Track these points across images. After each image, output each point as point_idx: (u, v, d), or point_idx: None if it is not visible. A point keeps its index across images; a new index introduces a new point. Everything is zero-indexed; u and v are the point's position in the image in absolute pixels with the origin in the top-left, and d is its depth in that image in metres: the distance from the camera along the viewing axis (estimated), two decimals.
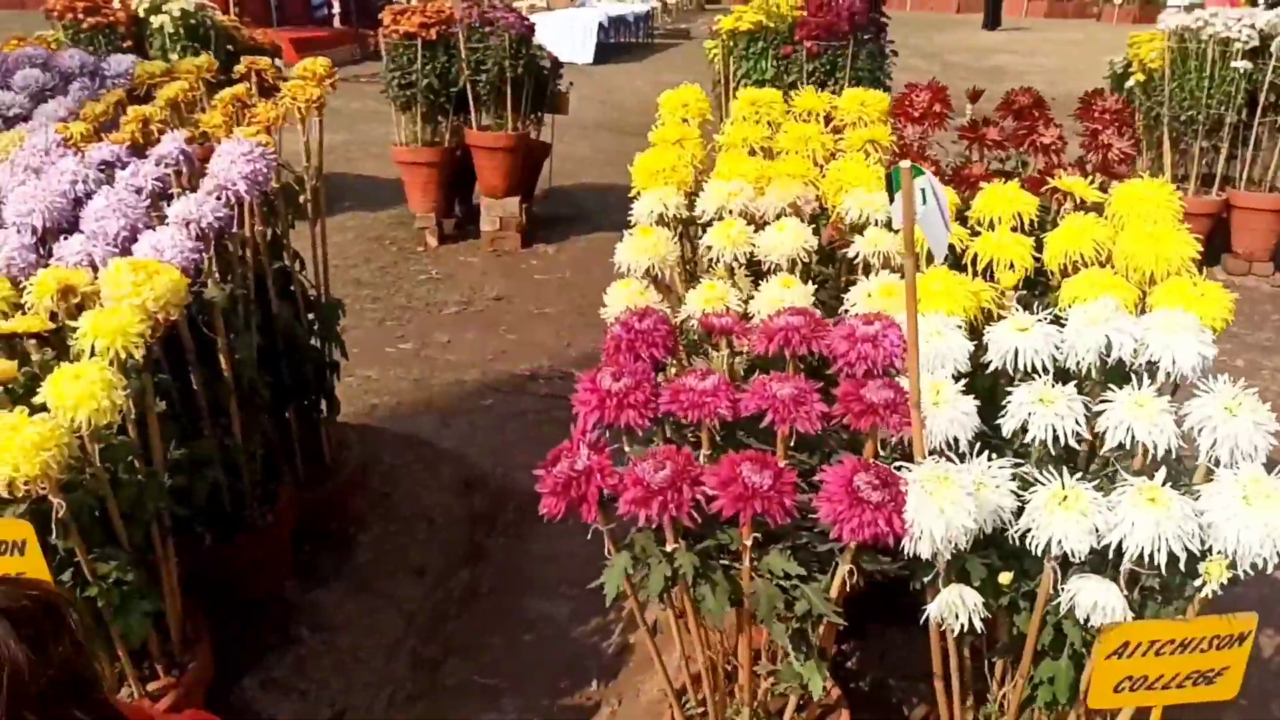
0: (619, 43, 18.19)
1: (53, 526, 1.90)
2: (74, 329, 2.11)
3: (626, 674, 2.99)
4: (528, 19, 7.12)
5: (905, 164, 1.43)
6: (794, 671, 1.86)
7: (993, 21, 22.47)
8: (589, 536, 4.16)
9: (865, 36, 6.70)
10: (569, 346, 5.72)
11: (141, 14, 7.03)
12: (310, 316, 3.06)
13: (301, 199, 2.91)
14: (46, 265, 2.24)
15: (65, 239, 2.25)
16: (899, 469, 1.73)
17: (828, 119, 2.79)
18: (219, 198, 2.40)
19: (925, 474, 1.68)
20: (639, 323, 2.04)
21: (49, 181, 2.38)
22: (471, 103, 7.10)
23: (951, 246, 2.20)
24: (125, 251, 2.26)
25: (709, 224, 2.38)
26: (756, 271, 2.35)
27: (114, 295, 2.12)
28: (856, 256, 2.25)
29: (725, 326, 2.03)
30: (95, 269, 2.22)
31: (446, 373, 5.29)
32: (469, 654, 3.18)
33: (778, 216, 2.39)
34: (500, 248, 7.28)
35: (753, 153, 2.60)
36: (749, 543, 1.77)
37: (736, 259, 2.25)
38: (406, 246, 7.25)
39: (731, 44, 6.92)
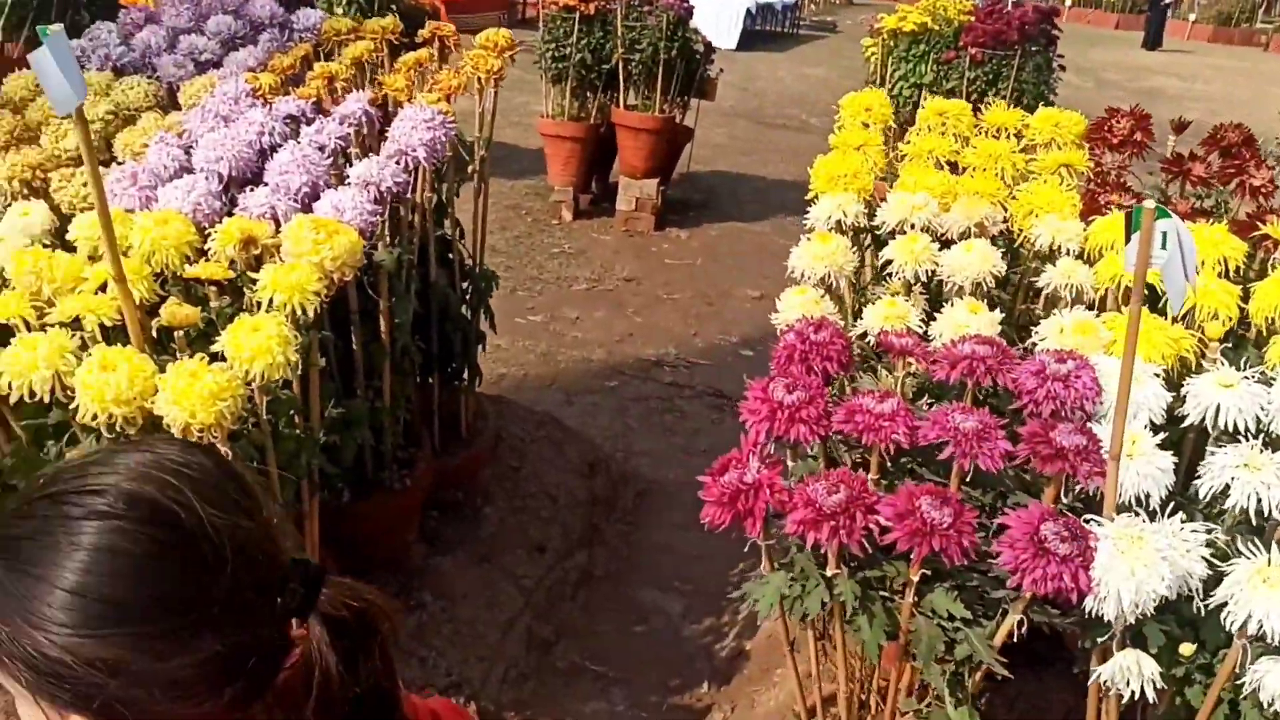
0: (764, 31, 17.98)
1: None
2: (252, 280, 2.14)
3: (740, 681, 2.94)
4: (687, 2, 7.05)
5: (1149, 204, 1.34)
6: (945, 716, 1.78)
7: (1154, 42, 21.58)
8: (702, 533, 4.13)
9: (1033, 48, 6.45)
10: (695, 336, 5.67)
11: None
12: (465, 285, 3.07)
13: (470, 168, 2.91)
14: (230, 213, 2.27)
15: (252, 190, 2.28)
16: (1086, 521, 1.64)
17: (1017, 136, 2.67)
18: (399, 162, 2.41)
19: (1118, 531, 1.58)
20: (814, 333, 1.97)
21: (237, 130, 2.42)
22: (622, 81, 7.08)
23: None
24: (306, 208, 2.29)
25: (890, 235, 2.29)
26: (934, 290, 2.26)
27: (294, 251, 2.14)
28: (1046, 285, 2.14)
29: (905, 347, 1.94)
30: (277, 222, 2.24)
31: (573, 349, 5.29)
32: (581, 638, 3.17)
33: (962, 235, 2.29)
34: (633, 228, 7.25)
35: (938, 165, 2.50)
36: (915, 578, 1.70)
37: (918, 276, 2.16)
38: (541, 218, 7.27)
39: (892, 44, 6.75)
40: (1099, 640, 1.72)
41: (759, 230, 7.59)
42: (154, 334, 2.06)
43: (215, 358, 1.97)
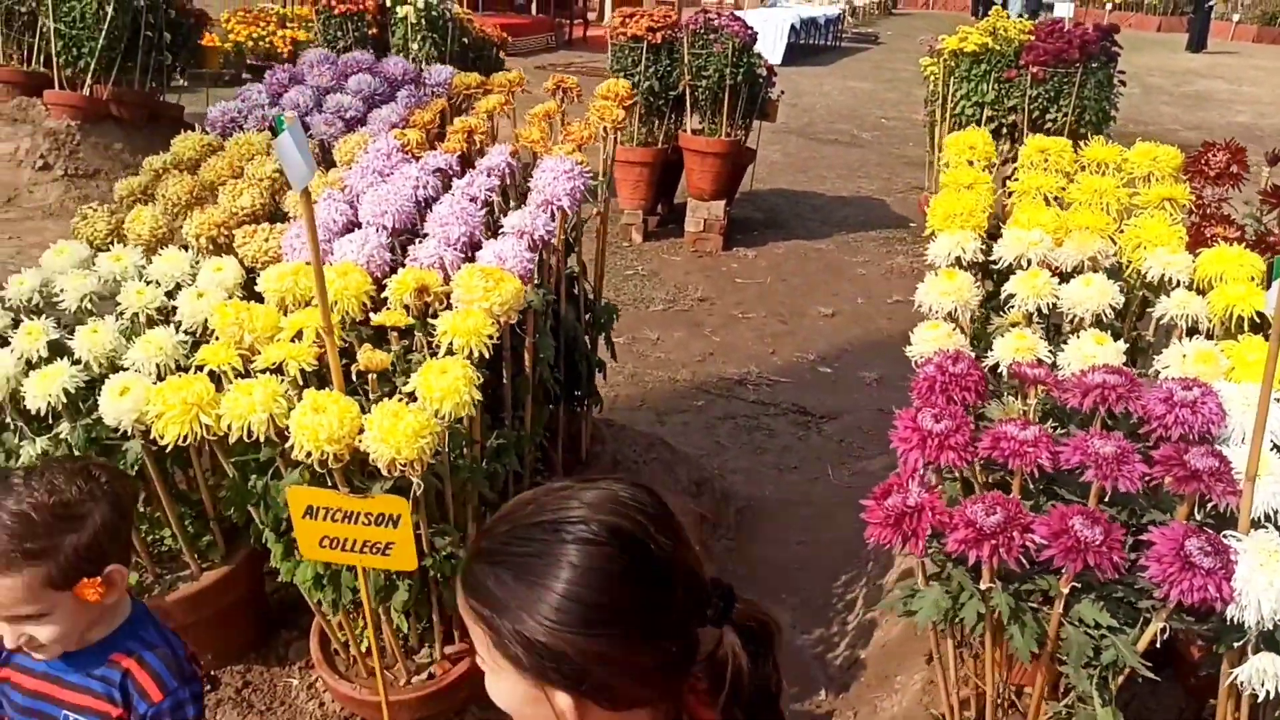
0: (807, 44, 18.15)
1: (410, 503, 2.13)
2: (424, 325, 2.35)
3: (859, 688, 3.10)
4: (751, 27, 7.25)
5: None
6: (1091, 715, 1.94)
7: (1198, 44, 21.49)
8: (801, 548, 4.27)
9: (1094, 65, 6.58)
10: (773, 354, 5.85)
11: (388, 4, 7.45)
12: (587, 316, 3.27)
13: (595, 210, 3.12)
14: (401, 263, 2.48)
15: (419, 242, 2.49)
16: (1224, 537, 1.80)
17: (1116, 169, 2.82)
18: (546, 211, 2.61)
19: (1257, 546, 1.75)
20: (952, 366, 2.15)
21: (397, 186, 2.63)
22: (689, 106, 7.29)
23: (1260, 314, 2.23)
24: (468, 257, 2.50)
25: (1008, 270, 2.46)
26: (1051, 321, 2.43)
27: (465, 298, 2.35)
28: (1163, 316, 2.30)
29: (1039, 378, 2.11)
30: (444, 270, 2.45)
31: (658, 370, 5.49)
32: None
33: (1075, 268, 2.46)
34: (702, 249, 7.45)
35: (1045, 201, 2.66)
36: (1065, 590, 1.86)
37: (1039, 308, 2.33)
38: (612, 240, 7.47)
39: (953, 64, 6.90)
40: (1234, 645, 1.88)
41: (823, 248, 7.77)
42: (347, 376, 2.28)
43: (406, 397, 2.19)
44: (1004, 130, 6.94)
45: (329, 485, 2.14)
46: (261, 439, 2.13)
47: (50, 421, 2.29)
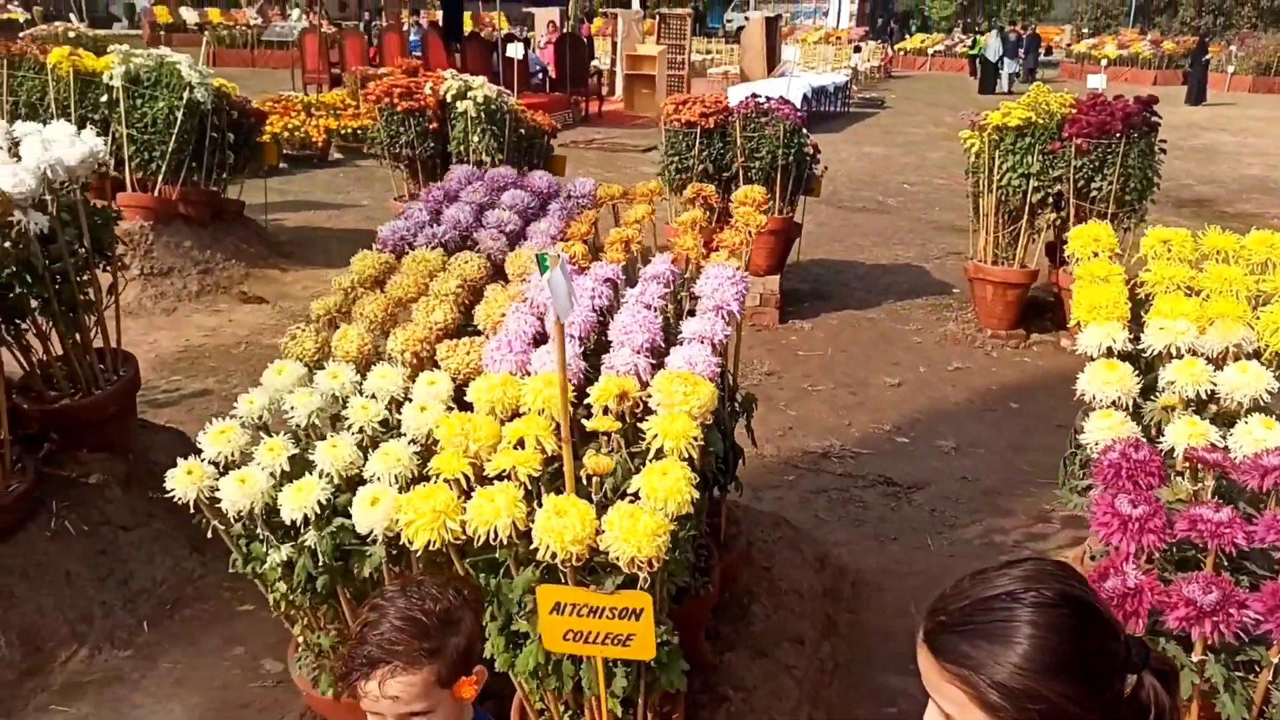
0: (817, 111, 18.61)
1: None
2: (623, 428, 2.55)
3: None
4: (799, 110, 7.55)
5: None
6: None
7: (1197, 97, 22.01)
8: (920, 617, 4.42)
9: (1135, 135, 6.87)
10: (849, 425, 6.03)
11: (448, 99, 7.76)
12: (730, 405, 3.47)
13: None
14: (595, 369, 2.68)
15: (612, 349, 2.70)
16: None
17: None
18: (720, 316, 2.83)
19: None
20: (1135, 453, 2.34)
21: (579, 298, 2.85)
22: (742, 186, 7.56)
23: None
24: (659, 363, 2.70)
25: (1156, 358, 2.67)
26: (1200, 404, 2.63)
27: (666, 402, 2.55)
28: None
29: (1216, 461, 2.31)
30: (639, 377, 2.65)
31: (743, 444, 5.65)
32: None
33: (1219, 354, 2.66)
34: (759, 323, 7.67)
35: (1178, 291, 2.88)
36: (1275, 660, 2.04)
37: (1197, 394, 2.53)
38: None
39: (997, 138, 7.19)
40: None
41: (874, 317, 7.99)
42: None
43: (629, 495, 2.38)
44: (1048, 199, 7.22)
45: (561, 582, 2.32)
46: (504, 542, 2.32)
47: (293, 531, 2.47)
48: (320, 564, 2.47)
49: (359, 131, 14.95)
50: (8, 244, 3.62)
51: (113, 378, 4.17)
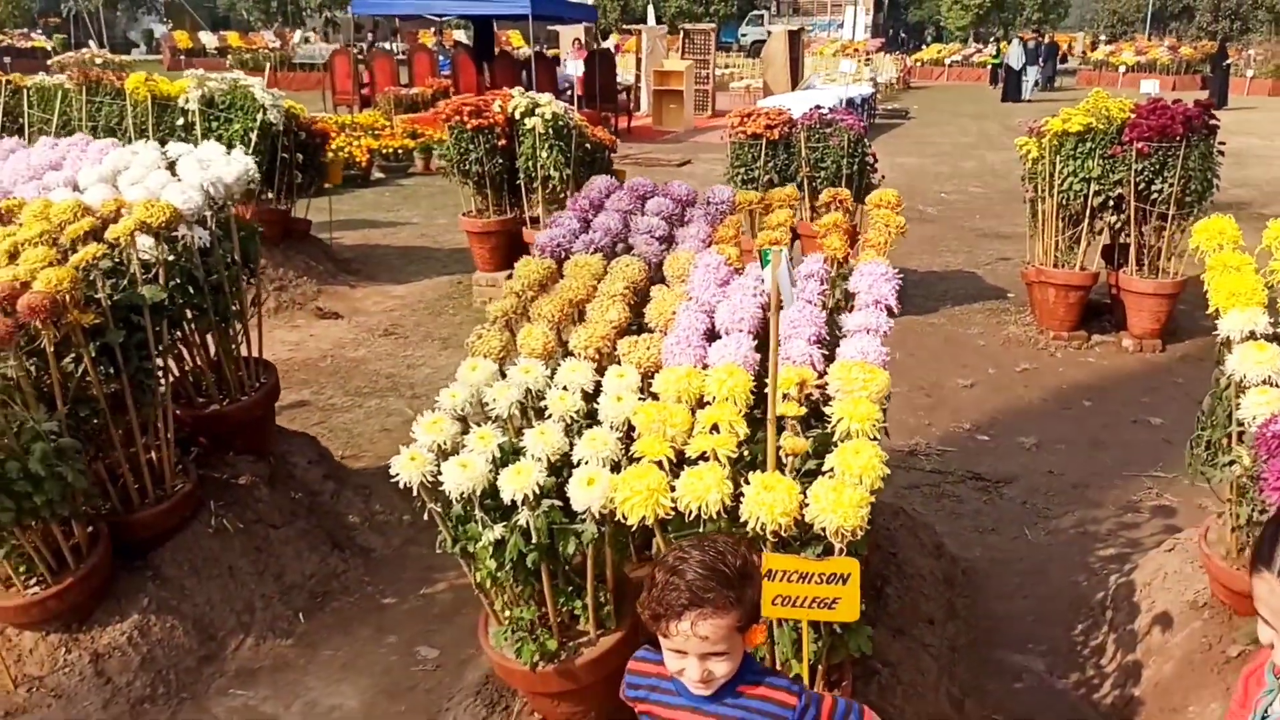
0: None
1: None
2: (809, 414, 2.74)
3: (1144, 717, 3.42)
4: (862, 120, 7.76)
5: None
6: None
7: (1220, 101, 22.18)
8: (1025, 601, 4.57)
9: (1195, 138, 7.05)
10: (930, 425, 6.22)
11: (516, 116, 7.99)
12: None
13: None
14: (761, 361, 2.88)
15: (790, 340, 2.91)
16: None
17: None
18: (880, 309, 3.03)
19: None
20: None
21: (740, 295, 3.05)
22: (807, 195, 7.78)
23: None
24: (831, 355, 2.90)
25: None
26: None
27: (846, 389, 2.75)
28: None
29: None
30: (813, 366, 2.85)
31: None
32: (979, 695, 3.68)
33: None
34: None
35: None
36: None
37: None
38: None
39: (1057, 144, 7.38)
40: None
41: (935, 322, 8.18)
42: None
43: (818, 473, 2.57)
44: (1108, 202, 7.40)
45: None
46: (713, 516, 2.51)
47: (506, 510, 2.67)
48: (532, 542, 2.66)
49: (399, 151, 15.27)
50: (172, 257, 3.85)
51: (256, 384, 4.38)
